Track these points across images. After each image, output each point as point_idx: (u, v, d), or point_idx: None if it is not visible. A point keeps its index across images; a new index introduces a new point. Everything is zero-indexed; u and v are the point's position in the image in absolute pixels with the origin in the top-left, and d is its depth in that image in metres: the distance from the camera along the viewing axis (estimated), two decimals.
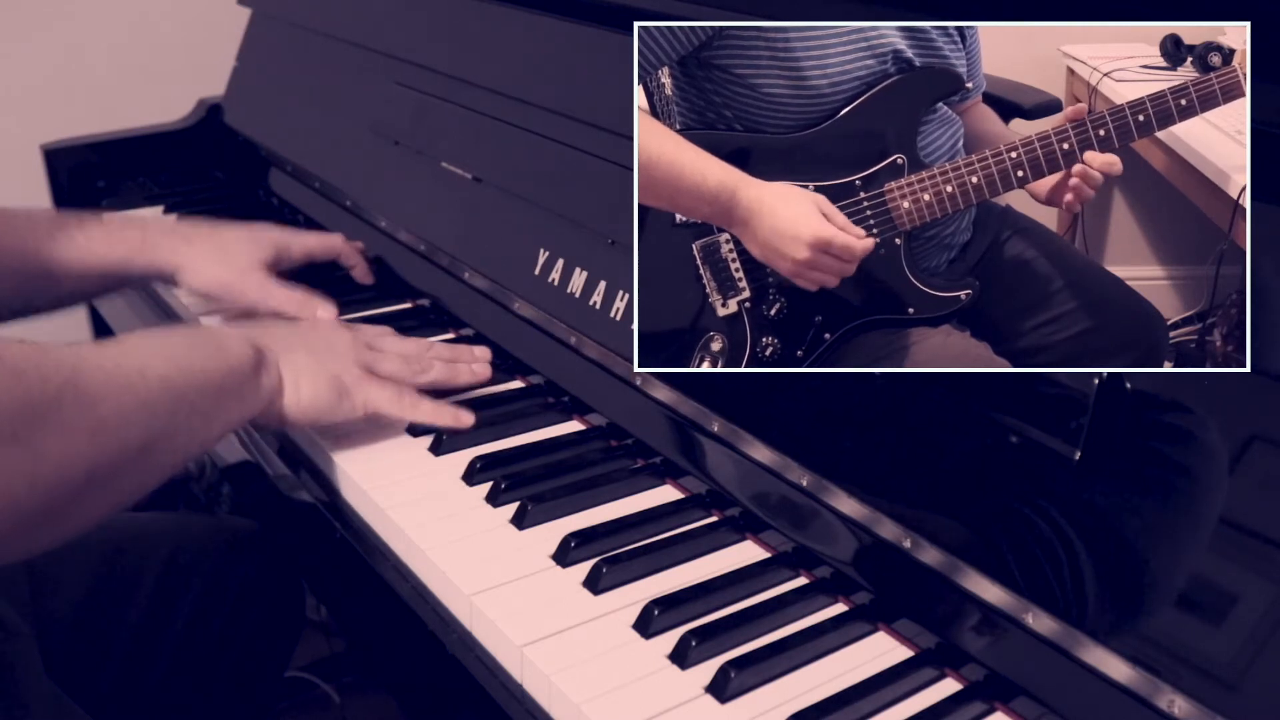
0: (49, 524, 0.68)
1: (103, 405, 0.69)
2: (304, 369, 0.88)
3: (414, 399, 0.92)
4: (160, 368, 0.75)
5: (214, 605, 1.05)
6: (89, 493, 0.69)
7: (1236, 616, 0.59)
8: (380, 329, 1.00)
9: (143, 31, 1.95)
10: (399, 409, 0.91)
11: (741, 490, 0.83)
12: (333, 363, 0.90)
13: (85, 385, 0.68)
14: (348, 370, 0.91)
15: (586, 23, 1.04)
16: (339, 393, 0.89)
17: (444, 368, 0.97)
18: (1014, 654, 0.67)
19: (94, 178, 1.54)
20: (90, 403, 0.68)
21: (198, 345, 0.82)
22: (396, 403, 0.91)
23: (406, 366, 0.95)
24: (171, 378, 0.76)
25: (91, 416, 0.68)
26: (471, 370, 0.99)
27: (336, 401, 0.89)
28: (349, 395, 0.90)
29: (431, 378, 0.96)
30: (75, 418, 0.67)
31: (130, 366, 0.73)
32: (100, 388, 0.69)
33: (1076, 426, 0.65)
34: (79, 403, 0.67)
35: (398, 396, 0.92)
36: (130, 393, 0.72)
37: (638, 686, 0.69)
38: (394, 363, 0.94)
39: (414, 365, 0.95)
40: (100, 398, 0.69)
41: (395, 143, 1.26)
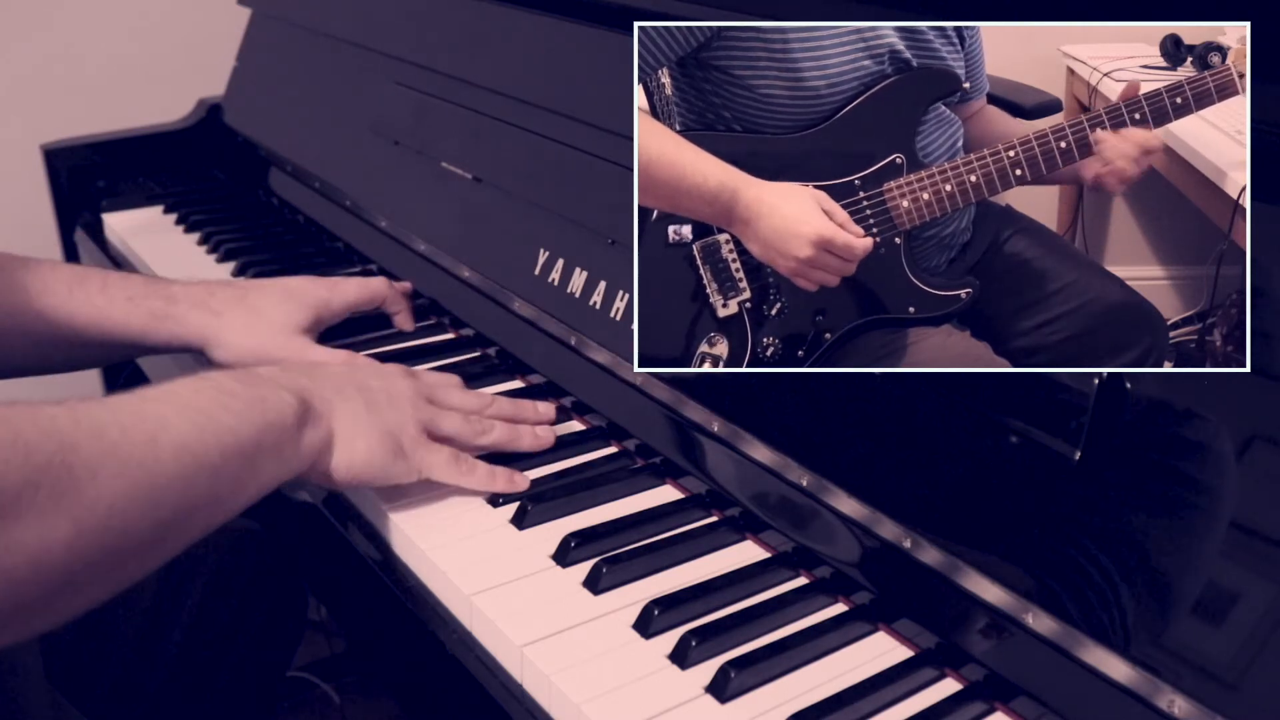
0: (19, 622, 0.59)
1: (93, 487, 0.60)
2: (359, 424, 0.80)
3: (470, 465, 0.84)
4: (178, 431, 0.66)
5: (215, 606, 1.05)
6: (71, 589, 0.60)
7: (1236, 616, 0.59)
8: (445, 377, 0.93)
9: (143, 31, 1.95)
10: (455, 476, 0.84)
11: (741, 490, 0.83)
12: (391, 418, 0.82)
13: (76, 462, 0.59)
14: (405, 429, 0.82)
15: (586, 23, 1.04)
16: (394, 453, 0.81)
17: (505, 430, 0.88)
18: (1014, 654, 0.67)
19: (94, 178, 1.54)
20: (78, 485, 0.59)
21: (232, 396, 0.72)
22: (454, 469, 0.84)
23: (467, 426, 0.86)
24: (191, 444, 0.67)
25: (77, 503, 0.59)
26: (534, 433, 0.90)
27: (390, 463, 0.81)
28: (405, 457, 0.82)
29: (492, 440, 0.87)
30: (55, 506, 0.58)
31: (140, 434, 0.64)
32: (95, 464, 0.60)
33: (1076, 426, 0.65)
34: (62, 486, 0.58)
35: (454, 462, 0.84)
36: (135, 469, 0.63)
37: (638, 686, 0.69)
38: (455, 422, 0.86)
39: (475, 425, 0.87)
40: (91, 478, 0.60)
41: (395, 143, 1.26)
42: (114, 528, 0.61)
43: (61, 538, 0.58)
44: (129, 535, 0.63)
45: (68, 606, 0.62)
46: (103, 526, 0.61)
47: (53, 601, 0.60)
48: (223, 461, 0.69)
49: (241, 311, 1.02)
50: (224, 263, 1.32)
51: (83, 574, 0.60)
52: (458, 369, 1.03)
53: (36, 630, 0.61)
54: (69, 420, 0.61)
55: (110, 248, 1.44)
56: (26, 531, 0.56)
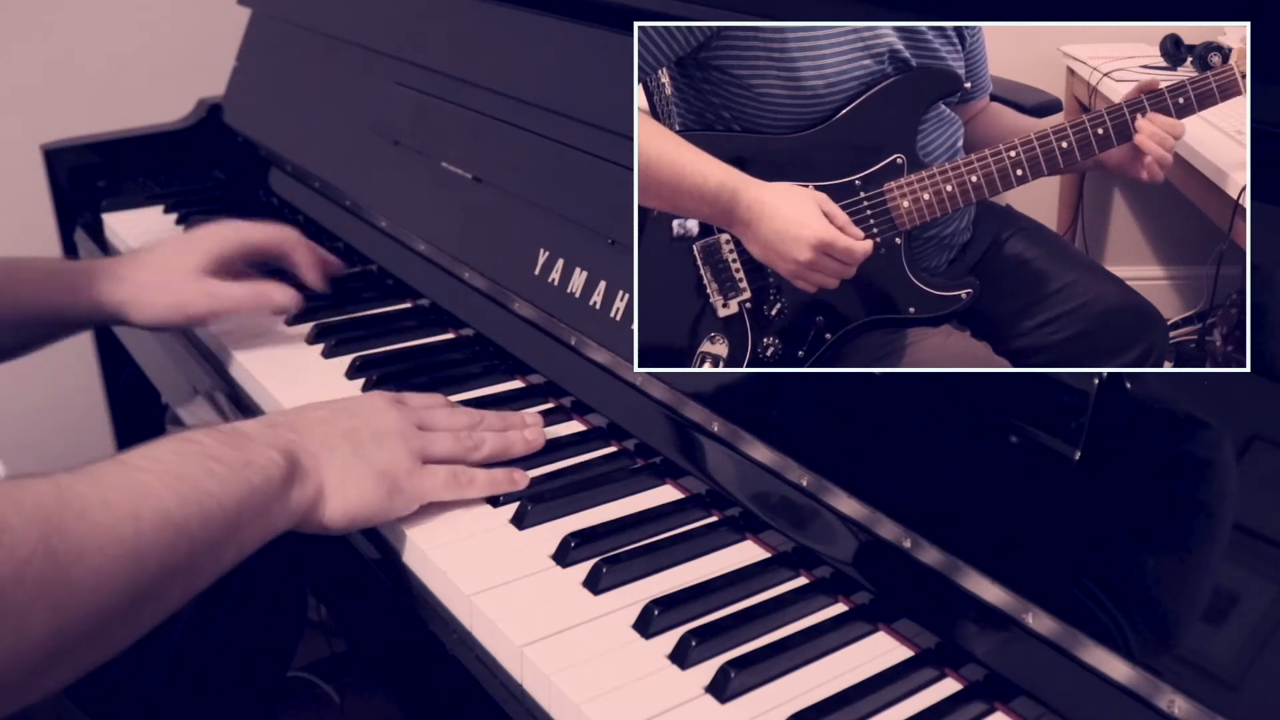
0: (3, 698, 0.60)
1: (78, 568, 0.61)
2: (349, 471, 0.80)
3: (469, 477, 0.85)
4: (160, 502, 0.67)
5: (214, 605, 1.05)
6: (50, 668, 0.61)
7: (1236, 616, 0.59)
8: (431, 398, 0.93)
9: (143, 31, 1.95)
10: (457, 493, 0.84)
11: (741, 490, 0.83)
12: (381, 456, 0.82)
13: (60, 547, 0.60)
14: (398, 463, 0.82)
15: (586, 23, 1.04)
16: (389, 491, 0.81)
17: (497, 439, 0.89)
18: (1014, 654, 0.67)
19: (94, 178, 1.54)
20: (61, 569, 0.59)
21: (217, 461, 0.72)
22: (454, 487, 0.84)
23: (459, 445, 0.87)
24: (173, 514, 0.67)
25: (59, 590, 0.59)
26: (524, 438, 0.90)
27: (388, 501, 0.81)
28: (401, 491, 0.82)
29: (485, 453, 0.88)
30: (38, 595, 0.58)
31: (124, 508, 0.65)
32: (79, 547, 0.61)
33: (1076, 426, 0.65)
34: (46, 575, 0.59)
35: (453, 480, 0.84)
36: (118, 546, 0.63)
37: (638, 686, 0.69)
38: (446, 443, 0.86)
39: (465, 442, 0.87)
40: (76, 560, 0.60)
41: (395, 143, 1.26)
42: (95, 606, 0.62)
43: (43, 624, 0.59)
44: (109, 610, 0.63)
45: (47, 683, 0.62)
46: (84, 607, 0.61)
47: (34, 680, 0.61)
48: (204, 531, 0.69)
49: (147, 269, 1.08)
50: None
51: (60, 654, 0.61)
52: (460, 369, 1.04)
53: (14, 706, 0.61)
54: (54, 501, 0.62)
55: (110, 248, 1.44)
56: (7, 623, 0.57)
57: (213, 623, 1.05)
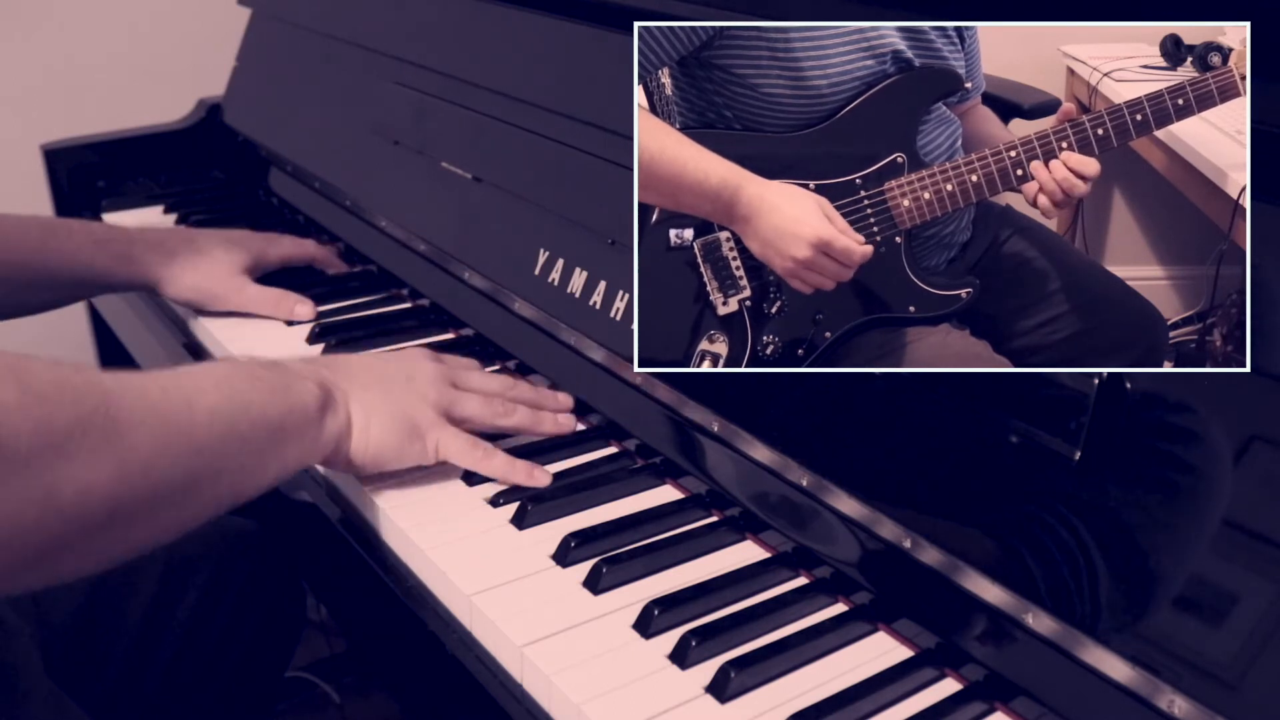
0: (59, 560, 0.63)
1: (135, 435, 0.64)
2: (376, 408, 0.83)
3: (488, 451, 0.86)
4: (211, 400, 0.71)
5: (214, 605, 1.05)
6: (112, 529, 0.65)
7: (1236, 616, 0.59)
8: (466, 360, 0.96)
9: (143, 31, 1.95)
10: (471, 460, 0.86)
11: (741, 490, 0.83)
12: (408, 401, 0.85)
13: (118, 413, 0.64)
14: (422, 411, 0.85)
15: (586, 23, 1.04)
16: (409, 435, 0.84)
17: (527, 414, 0.90)
18: (1014, 654, 0.67)
19: (94, 178, 1.54)
20: (121, 432, 0.63)
21: (259, 380, 0.77)
22: (470, 453, 0.85)
23: (488, 408, 0.88)
24: (223, 410, 0.71)
25: (121, 447, 0.63)
26: (556, 420, 0.92)
27: (407, 445, 0.84)
28: (420, 438, 0.84)
29: (514, 423, 0.90)
30: (101, 447, 0.62)
31: (177, 397, 0.69)
32: (136, 417, 0.65)
33: (1076, 426, 0.65)
34: (108, 431, 0.63)
35: (471, 446, 0.85)
36: (172, 425, 0.67)
37: (638, 686, 0.69)
38: (475, 404, 0.88)
39: (495, 407, 0.89)
40: (133, 427, 0.64)
41: (395, 143, 1.26)
42: (152, 476, 0.66)
43: (106, 478, 0.63)
44: (165, 485, 0.67)
45: (105, 549, 0.66)
46: (142, 473, 0.65)
47: (93, 541, 0.64)
48: (251, 432, 0.74)
49: (190, 252, 1.15)
50: None
51: (122, 517, 0.65)
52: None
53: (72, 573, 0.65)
54: (112, 379, 0.66)
55: None
56: (76, 468, 0.61)
57: (213, 622, 1.05)
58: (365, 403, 0.83)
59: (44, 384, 0.61)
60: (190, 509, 0.71)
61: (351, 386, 0.83)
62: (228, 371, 0.76)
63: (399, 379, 0.86)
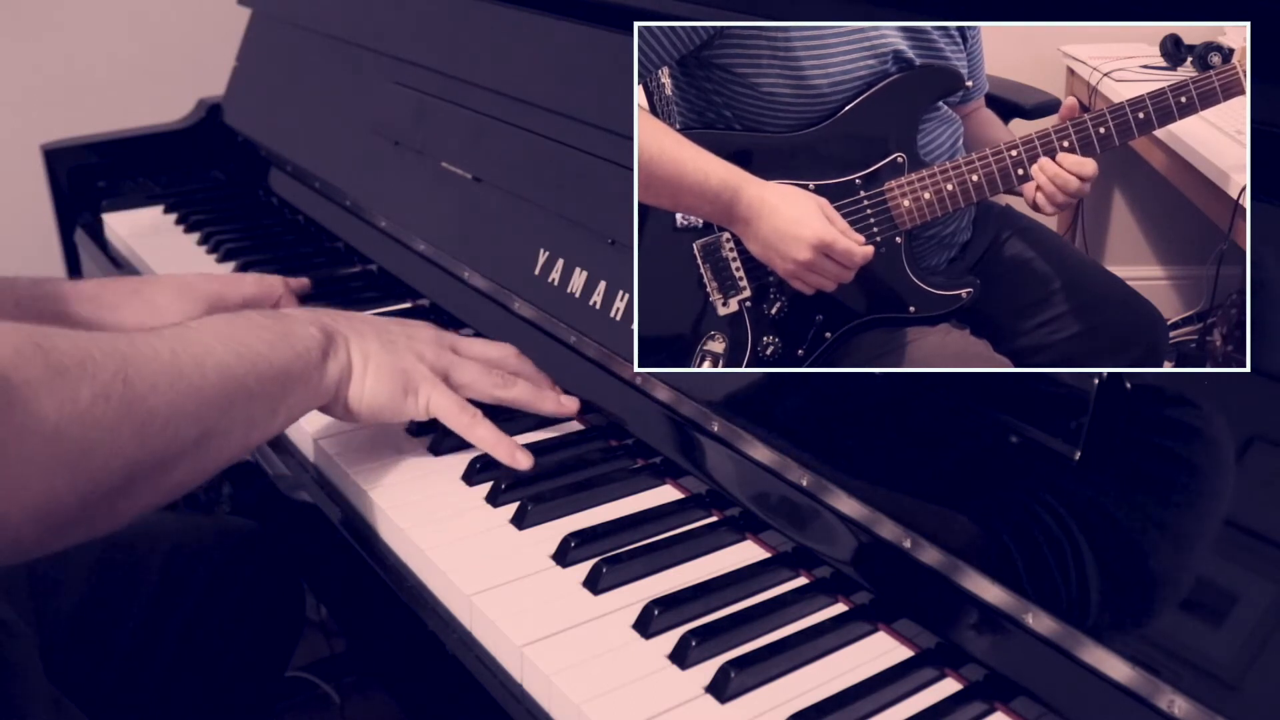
0: (87, 520, 0.66)
1: (153, 398, 0.68)
2: (374, 357, 0.85)
3: (476, 417, 0.87)
4: (220, 354, 0.74)
5: (214, 605, 1.05)
6: (134, 487, 0.68)
7: (1236, 616, 0.59)
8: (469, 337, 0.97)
9: (143, 31, 1.95)
10: (459, 422, 0.87)
11: (741, 490, 0.82)
12: (405, 357, 0.86)
13: (135, 378, 0.67)
14: (418, 369, 0.86)
15: (586, 23, 1.04)
16: (404, 389, 0.86)
17: (528, 388, 0.91)
18: (1014, 654, 0.67)
19: (94, 178, 1.54)
20: (139, 396, 0.67)
21: (263, 329, 0.80)
22: (458, 415, 0.86)
23: (487, 377, 0.89)
24: (231, 365, 0.74)
25: (140, 410, 0.67)
26: (558, 400, 0.92)
27: (401, 398, 0.85)
28: (414, 392, 0.86)
29: (513, 395, 0.90)
30: (122, 413, 0.66)
31: (187, 355, 0.71)
32: (151, 379, 0.68)
33: (1076, 426, 0.65)
34: (127, 397, 0.66)
35: (460, 409, 0.87)
36: (184, 383, 0.70)
37: (638, 686, 0.69)
38: (474, 371, 0.89)
39: (495, 378, 0.90)
40: (150, 390, 0.68)
41: (395, 143, 1.26)
42: (167, 435, 0.69)
43: (124, 444, 0.66)
44: (179, 444, 0.70)
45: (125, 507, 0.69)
46: (160, 434, 0.68)
47: (113, 504, 0.67)
48: (259, 384, 0.77)
49: (137, 305, 1.05)
50: (224, 262, 1.32)
51: (140, 476, 0.68)
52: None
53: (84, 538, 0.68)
54: (127, 344, 0.69)
55: (110, 248, 1.44)
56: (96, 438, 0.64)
57: (213, 622, 1.05)
58: (364, 350, 0.85)
59: (65, 357, 0.64)
60: (202, 463, 0.73)
61: (351, 333, 0.86)
62: (231, 325, 0.79)
63: (399, 335, 0.88)
